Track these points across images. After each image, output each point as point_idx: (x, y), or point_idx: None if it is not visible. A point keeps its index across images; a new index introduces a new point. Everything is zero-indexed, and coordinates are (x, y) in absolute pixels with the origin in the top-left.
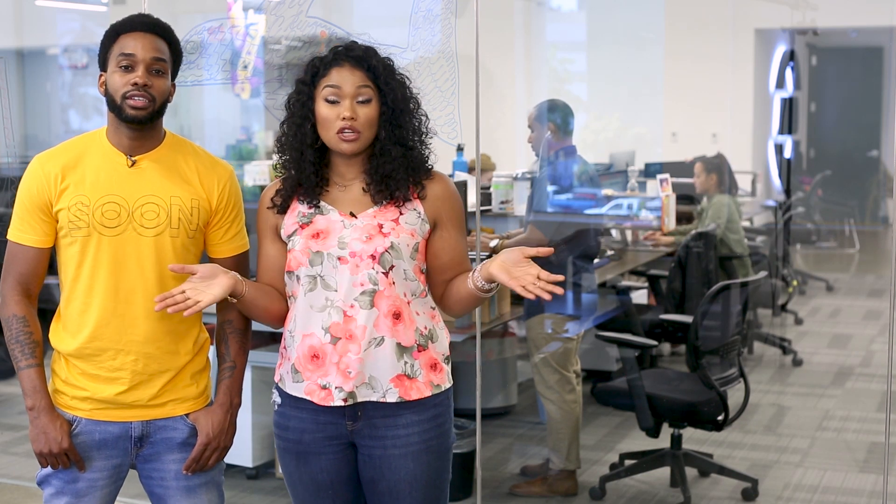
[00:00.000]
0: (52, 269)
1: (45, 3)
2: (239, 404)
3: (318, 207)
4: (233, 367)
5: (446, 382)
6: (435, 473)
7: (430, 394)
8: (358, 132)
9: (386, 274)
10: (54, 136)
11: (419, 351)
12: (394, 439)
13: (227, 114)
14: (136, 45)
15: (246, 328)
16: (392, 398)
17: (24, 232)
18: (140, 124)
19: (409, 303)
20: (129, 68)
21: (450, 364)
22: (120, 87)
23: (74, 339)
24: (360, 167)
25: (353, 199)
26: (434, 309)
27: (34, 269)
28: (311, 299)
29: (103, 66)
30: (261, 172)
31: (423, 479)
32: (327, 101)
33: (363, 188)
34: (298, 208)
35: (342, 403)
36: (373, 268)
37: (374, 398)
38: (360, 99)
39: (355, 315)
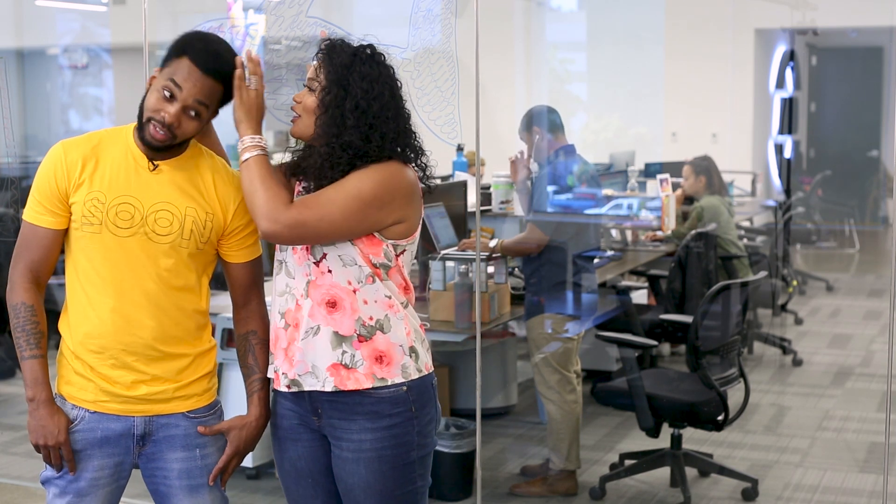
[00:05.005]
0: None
1: (45, 3)
2: (269, 416)
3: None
4: (263, 378)
5: (395, 377)
6: (392, 483)
7: (370, 386)
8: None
9: (317, 264)
10: (54, 135)
11: (360, 341)
12: (348, 443)
13: (227, 114)
14: (186, 80)
15: (268, 338)
16: (329, 387)
17: (40, 213)
18: (155, 150)
19: (354, 290)
20: (170, 97)
21: (417, 359)
22: (151, 110)
23: (78, 333)
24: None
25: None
26: (391, 298)
27: (47, 254)
28: (277, 283)
29: (164, 63)
30: None
31: (376, 487)
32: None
33: None
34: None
35: (286, 389)
36: (307, 258)
37: (317, 387)
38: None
39: (302, 303)
